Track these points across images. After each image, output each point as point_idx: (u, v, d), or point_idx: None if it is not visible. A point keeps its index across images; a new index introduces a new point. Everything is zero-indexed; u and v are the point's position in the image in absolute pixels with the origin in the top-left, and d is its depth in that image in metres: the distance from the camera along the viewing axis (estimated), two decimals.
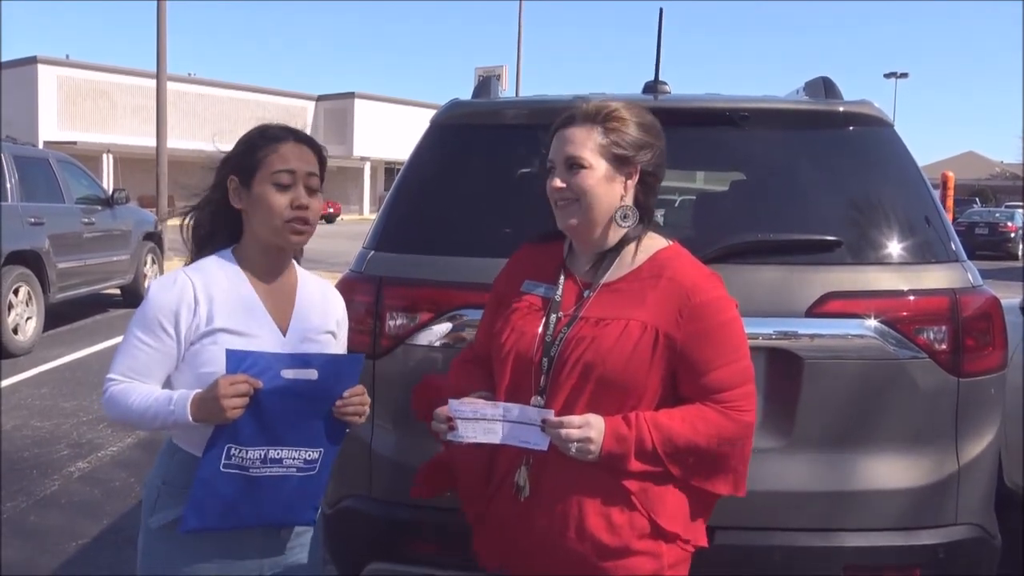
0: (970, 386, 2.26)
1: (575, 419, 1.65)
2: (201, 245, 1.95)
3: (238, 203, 1.88)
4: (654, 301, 1.73)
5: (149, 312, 1.81)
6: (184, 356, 1.81)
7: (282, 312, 1.90)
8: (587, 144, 1.75)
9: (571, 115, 1.78)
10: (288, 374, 1.76)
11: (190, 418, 1.72)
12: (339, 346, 2.02)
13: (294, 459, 1.79)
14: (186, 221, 1.98)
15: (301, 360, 1.79)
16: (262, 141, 1.87)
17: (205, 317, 1.80)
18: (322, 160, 1.93)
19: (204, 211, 1.95)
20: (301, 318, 1.92)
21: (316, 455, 1.82)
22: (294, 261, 1.99)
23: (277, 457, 1.78)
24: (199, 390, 1.74)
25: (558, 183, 1.76)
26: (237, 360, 1.74)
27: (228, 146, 1.97)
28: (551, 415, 1.66)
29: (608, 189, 1.76)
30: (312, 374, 1.77)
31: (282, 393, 1.75)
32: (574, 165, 1.75)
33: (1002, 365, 2.33)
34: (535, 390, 1.75)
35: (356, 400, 1.81)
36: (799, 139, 2.52)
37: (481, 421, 1.71)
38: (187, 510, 1.77)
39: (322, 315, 1.97)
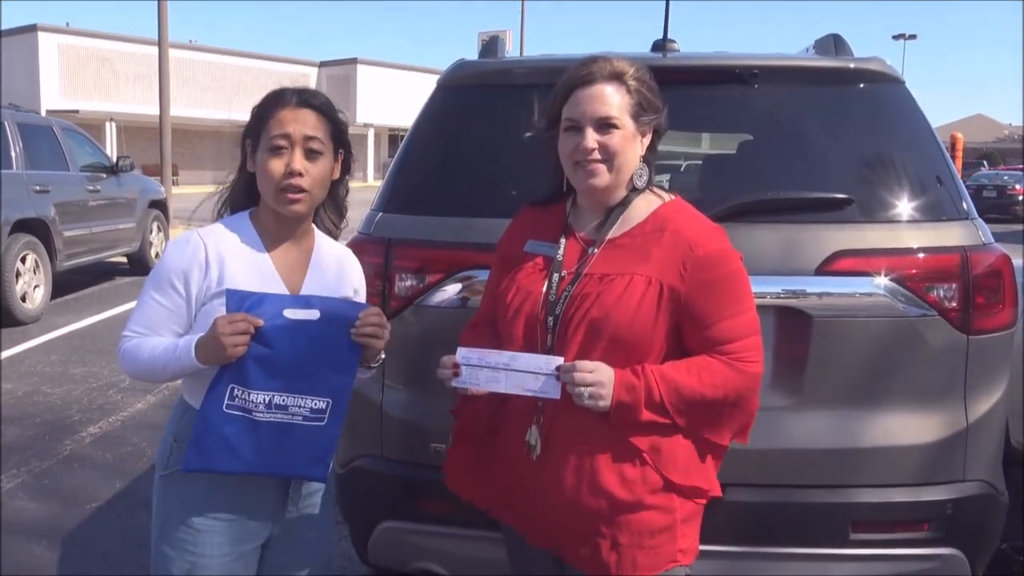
0: (980, 344, 2.26)
1: (586, 364, 1.66)
2: (232, 207, 1.97)
3: (251, 167, 1.89)
4: (658, 255, 1.73)
5: (162, 271, 1.84)
6: (196, 316, 1.83)
7: (295, 277, 1.91)
8: (617, 103, 1.74)
9: (589, 73, 1.76)
10: (289, 314, 1.77)
11: (195, 359, 1.74)
12: None
13: (300, 407, 1.80)
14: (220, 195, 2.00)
15: (303, 301, 1.81)
16: (264, 106, 1.87)
17: (216, 279, 1.82)
18: (333, 122, 1.90)
19: (237, 180, 1.97)
20: (314, 283, 1.92)
21: (323, 405, 1.82)
22: (314, 226, 1.99)
23: (282, 403, 1.79)
24: (203, 334, 1.76)
25: (590, 143, 1.74)
26: (238, 299, 1.76)
27: (227, 114, 1.96)
28: (560, 361, 1.67)
29: (633, 148, 1.77)
30: (314, 314, 1.78)
31: (285, 333, 1.76)
32: (607, 125, 1.73)
33: (1012, 322, 2.32)
34: (542, 349, 1.76)
35: (372, 320, 1.81)
36: (809, 97, 2.50)
37: (486, 369, 1.72)
38: (189, 449, 1.78)
39: (337, 281, 1.96)
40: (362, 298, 2.05)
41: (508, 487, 1.87)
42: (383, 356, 1.93)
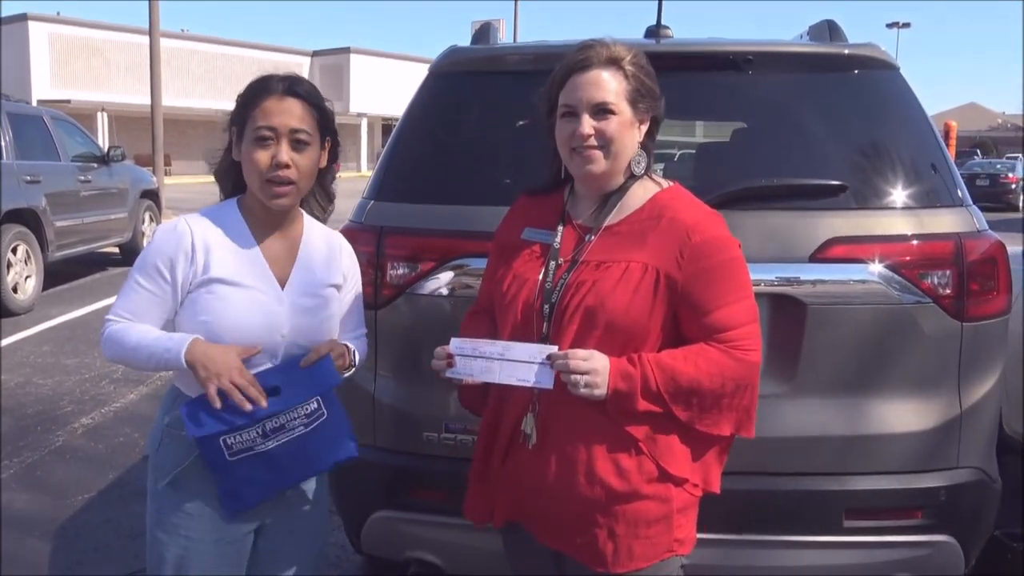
0: (974, 331, 2.25)
1: (580, 352, 1.64)
2: (221, 184, 1.96)
3: (236, 156, 1.87)
4: (654, 242, 1.72)
5: (148, 256, 1.82)
6: (182, 303, 1.82)
7: (283, 265, 1.89)
8: (614, 88, 1.71)
9: (586, 58, 1.73)
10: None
11: (183, 360, 1.74)
12: (345, 299, 2.01)
13: (295, 417, 1.81)
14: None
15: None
16: (250, 95, 1.84)
17: (202, 266, 1.80)
18: (320, 110, 1.87)
19: (222, 162, 1.95)
20: (302, 272, 1.91)
21: (315, 404, 1.83)
22: (303, 212, 1.97)
23: (277, 425, 1.79)
24: (200, 337, 1.75)
25: (587, 129, 1.71)
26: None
27: (219, 103, 1.94)
28: (554, 350, 1.65)
29: (631, 134, 1.75)
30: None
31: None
32: (603, 110, 1.71)
33: (1006, 309, 2.32)
34: (538, 337, 1.74)
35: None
36: (804, 83, 2.48)
37: (479, 359, 1.70)
38: (223, 499, 1.81)
39: (326, 269, 1.95)
40: (353, 283, 2.03)
41: (504, 476, 1.86)
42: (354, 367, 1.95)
